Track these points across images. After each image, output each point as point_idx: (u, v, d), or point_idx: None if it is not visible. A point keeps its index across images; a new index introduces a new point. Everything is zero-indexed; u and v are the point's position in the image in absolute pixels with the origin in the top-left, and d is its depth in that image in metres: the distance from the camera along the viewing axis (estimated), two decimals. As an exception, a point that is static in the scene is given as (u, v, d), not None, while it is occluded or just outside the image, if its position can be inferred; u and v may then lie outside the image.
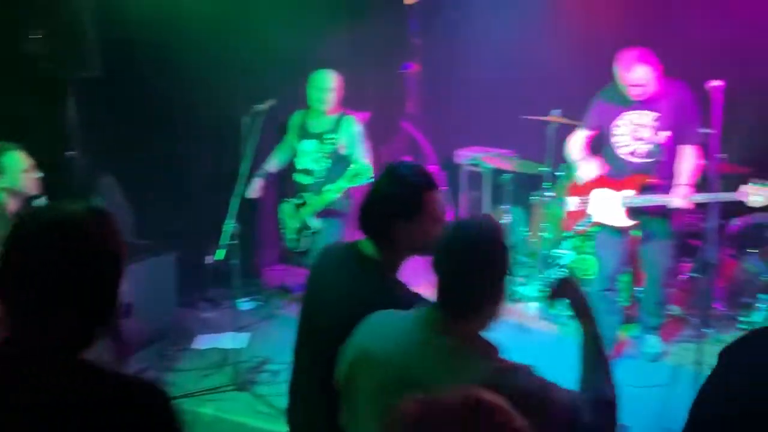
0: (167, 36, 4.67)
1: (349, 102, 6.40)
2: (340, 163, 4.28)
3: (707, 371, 3.44)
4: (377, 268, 1.98)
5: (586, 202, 4.15)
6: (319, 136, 4.34)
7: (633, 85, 3.79)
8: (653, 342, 4.33)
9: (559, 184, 5.29)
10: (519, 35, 6.05)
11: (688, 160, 3.90)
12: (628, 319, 4.71)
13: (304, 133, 4.39)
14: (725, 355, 1.48)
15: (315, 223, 4.31)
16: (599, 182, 4.12)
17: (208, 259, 3.98)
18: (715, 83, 3.38)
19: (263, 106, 4.08)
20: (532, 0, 6.00)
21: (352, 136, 4.35)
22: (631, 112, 3.94)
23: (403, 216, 1.93)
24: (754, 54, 4.91)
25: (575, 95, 5.28)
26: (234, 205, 3.95)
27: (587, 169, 4.12)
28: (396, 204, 1.94)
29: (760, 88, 4.93)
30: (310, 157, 4.36)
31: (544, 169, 5.28)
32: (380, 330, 1.71)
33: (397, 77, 6.86)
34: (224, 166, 4.70)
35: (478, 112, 6.65)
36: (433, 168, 6.49)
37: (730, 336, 4.57)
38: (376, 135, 6.36)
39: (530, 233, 5.81)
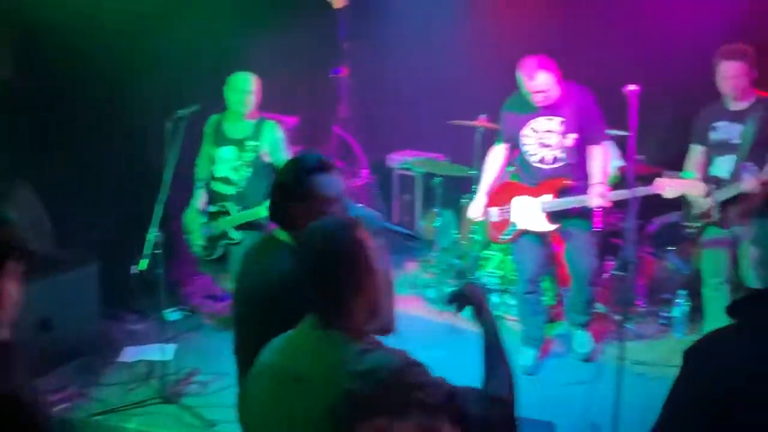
0: (86, 37, 4.50)
1: (279, 106, 6.35)
2: (262, 171, 4.16)
3: (630, 367, 3.56)
4: (290, 251, 2.10)
5: (508, 212, 4.22)
6: (238, 143, 4.17)
7: (536, 92, 3.89)
8: (583, 340, 4.43)
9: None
10: (447, 40, 6.14)
11: (597, 160, 4.03)
12: (554, 318, 4.83)
13: (222, 140, 4.21)
14: (692, 355, 1.50)
15: (236, 234, 4.17)
16: (517, 190, 4.21)
17: (133, 269, 3.85)
18: (631, 87, 3.49)
19: (186, 111, 3.97)
20: (460, 6, 6.09)
21: (275, 142, 4.18)
22: (537, 119, 4.03)
23: (296, 199, 2.11)
24: (667, 58, 5.11)
25: (501, 100, 5.41)
26: (157, 212, 3.83)
27: (474, 209, 4.31)
28: (288, 189, 2.13)
29: (673, 91, 5.14)
30: (228, 165, 4.18)
31: (473, 172, 5.36)
32: (270, 350, 1.75)
33: (327, 81, 6.84)
34: (148, 173, 4.57)
35: (409, 117, 6.71)
36: (364, 172, 6.50)
37: (651, 331, 4.76)
38: (307, 139, 6.34)
39: (460, 236, 5.88)
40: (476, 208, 4.30)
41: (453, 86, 6.11)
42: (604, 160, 4.04)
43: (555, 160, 4.05)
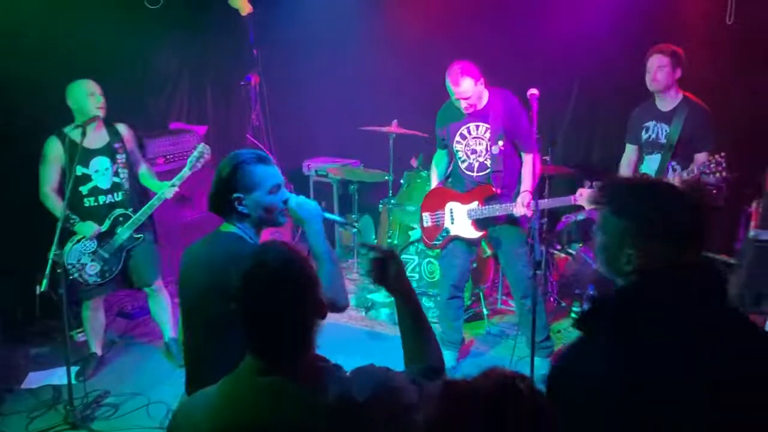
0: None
1: (191, 114, 6.22)
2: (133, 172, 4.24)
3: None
4: (234, 238, 2.23)
5: (441, 217, 4.25)
6: (107, 151, 4.09)
7: (461, 98, 3.92)
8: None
9: (402, 192, 5.43)
10: (358, 46, 6.17)
11: (526, 167, 4.06)
12: (475, 317, 4.92)
13: (86, 153, 3.98)
14: (559, 384, 1.48)
15: (135, 236, 4.14)
16: (449, 196, 4.23)
17: (36, 290, 3.65)
18: (533, 91, 3.59)
19: (86, 124, 3.81)
20: (370, 12, 6.12)
21: (132, 141, 4.28)
22: (466, 125, 4.07)
23: (239, 191, 2.22)
24: (573, 63, 5.30)
25: (412, 105, 5.47)
26: (58, 230, 3.66)
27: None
28: (230, 181, 2.22)
29: (578, 93, 5.34)
30: (107, 174, 4.08)
31: (388, 177, 5.39)
32: (207, 410, 1.57)
33: (238, 89, 6.75)
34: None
35: (323, 123, 6.70)
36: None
37: (564, 325, 4.91)
38: (218, 148, 6.22)
39: (378, 240, 5.90)
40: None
41: (365, 92, 6.15)
42: (530, 168, 4.06)
43: (481, 167, 4.08)
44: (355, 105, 6.19)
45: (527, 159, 4.06)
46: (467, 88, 3.87)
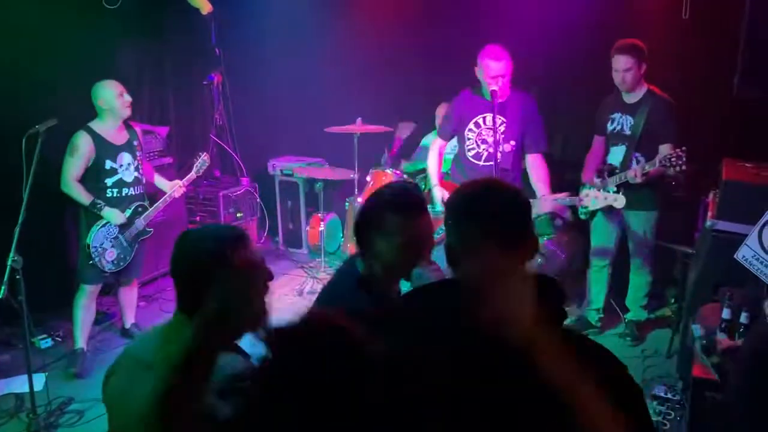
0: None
1: (153, 115, 6.13)
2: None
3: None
4: (357, 281, 2.11)
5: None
6: (129, 147, 4.39)
7: (498, 76, 3.89)
8: None
9: (368, 189, 5.43)
10: (321, 44, 6.15)
11: (542, 170, 4.11)
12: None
13: (110, 149, 4.29)
14: None
15: (147, 229, 4.51)
16: (450, 190, 4.22)
17: (-6, 297, 3.57)
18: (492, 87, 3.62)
19: (43, 126, 3.74)
20: (330, 11, 6.11)
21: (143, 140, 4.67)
22: (482, 114, 4.07)
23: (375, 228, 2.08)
24: (565, 61, 5.34)
25: (376, 102, 5.48)
26: (16, 235, 3.58)
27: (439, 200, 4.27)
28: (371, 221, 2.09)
29: (571, 92, 5.38)
30: (130, 169, 4.39)
31: (353, 175, 5.39)
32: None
33: (201, 89, 6.68)
34: (6, 192, 4.27)
35: (287, 122, 6.67)
36: (244, 180, 6.40)
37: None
38: (181, 149, 6.16)
39: (345, 238, 5.91)
40: (441, 197, 4.25)
41: (329, 90, 6.13)
42: (545, 171, 4.12)
43: (489, 157, 4.07)
44: (319, 103, 6.18)
45: (538, 161, 4.11)
46: (506, 65, 3.89)
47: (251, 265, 1.76)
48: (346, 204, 5.73)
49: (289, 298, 5.42)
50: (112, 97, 4.25)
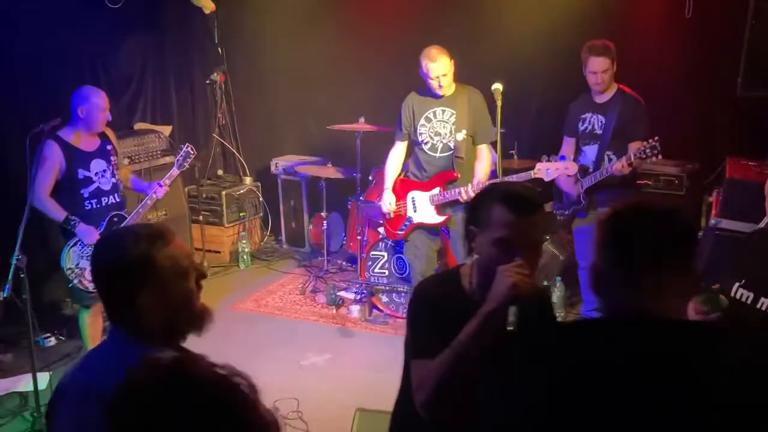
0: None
1: (156, 114, 6.13)
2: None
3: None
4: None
5: (403, 207, 4.37)
6: (101, 153, 4.07)
7: (438, 76, 4.03)
8: None
9: (370, 188, 5.43)
10: (322, 43, 6.15)
11: (481, 160, 4.23)
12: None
13: (81, 157, 3.97)
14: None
15: None
16: (411, 186, 4.36)
17: (-1, 296, 3.58)
18: (496, 86, 3.63)
19: (47, 126, 3.74)
20: (333, 10, 6.11)
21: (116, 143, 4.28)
22: (432, 109, 4.20)
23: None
24: (536, 57, 5.35)
25: (378, 102, 5.48)
26: (20, 234, 3.58)
27: (386, 205, 4.41)
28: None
29: (540, 89, 5.38)
30: (106, 176, 4.07)
31: (356, 174, 5.39)
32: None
33: (204, 88, 6.70)
34: (10, 192, 4.28)
35: (290, 121, 6.67)
36: (247, 179, 6.40)
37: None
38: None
39: (347, 237, 5.91)
40: (388, 204, 4.40)
41: (332, 89, 6.14)
42: (489, 159, 4.22)
43: (445, 148, 4.21)
44: (322, 102, 6.19)
45: (483, 149, 4.23)
46: (444, 64, 4.01)
47: (180, 263, 1.60)
48: (349, 203, 5.73)
49: (292, 297, 5.43)
50: (95, 111, 3.95)
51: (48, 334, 4.58)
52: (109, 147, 4.12)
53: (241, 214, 6.30)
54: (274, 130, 6.78)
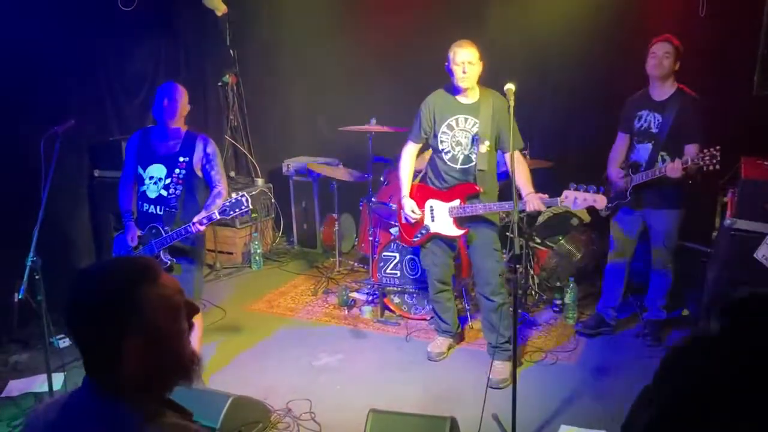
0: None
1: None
2: (193, 189, 3.90)
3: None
4: None
5: (419, 214, 4.20)
6: (169, 161, 3.87)
7: (466, 62, 3.88)
8: (497, 368, 4.13)
9: (382, 189, 5.43)
10: (333, 45, 6.16)
11: (520, 167, 3.93)
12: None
13: (150, 156, 3.89)
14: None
15: (165, 257, 3.81)
16: (430, 194, 4.19)
17: (14, 297, 3.60)
18: (509, 86, 3.61)
19: (61, 128, 3.77)
20: (344, 11, 6.12)
21: (209, 156, 3.91)
22: (454, 116, 4.04)
23: None
24: (548, 57, 5.33)
25: (390, 103, 5.48)
26: (35, 236, 3.61)
27: (410, 211, 4.18)
28: None
29: (554, 90, 5.36)
30: (159, 184, 3.88)
31: (368, 175, 5.39)
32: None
33: (216, 89, 6.72)
34: (25, 193, 4.31)
35: (302, 123, 6.68)
36: (259, 180, 6.42)
37: (544, 318, 4.94)
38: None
39: (359, 238, 5.91)
40: (411, 212, 4.18)
41: (344, 90, 6.14)
42: (526, 168, 4.04)
43: (466, 159, 4.04)
44: (334, 104, 6.19)
45: (516, 158, 3.87)
46: (472, 53, 3.88)
47: (171, 300, 1.43)
48: (360, 204, 5.73)
49: (305, 297, 5.44)
50: (156, 102, 3.85)
51: (62, 335, 4.60)
52: (183, 159, 3.82)
53: (253, 216, 6.32)
54: (286, 132, 6.80)
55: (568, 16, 5.21)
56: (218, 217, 3.73)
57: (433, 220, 4.18)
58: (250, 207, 3.78)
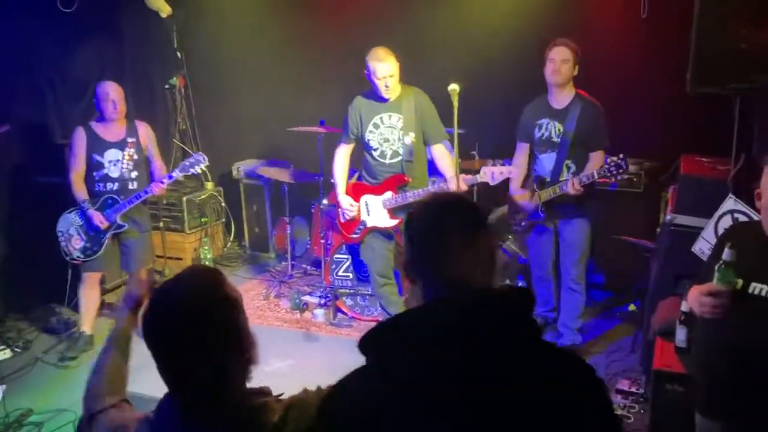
0: None
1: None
2: (140, 164, 4.62)
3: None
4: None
5: (357, 211, 4.36)
6: (120, 144, 4.53)
7: (385, 76, 4.02)
8: None
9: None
10: (281, 46, 6.12)
11: (443, 158, 4.20)
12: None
13: (99, 144, 4.49)
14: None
15: (121, 222, 4.51)
16: (363, 190, 4.37)
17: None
18: (453, 86, 3.62)
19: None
20: (290, 12, 6.08)
21: (149, 136, 4.71)
22: (379, 115, 4.19)
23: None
24: (493, 57, 5.37)
25: (338, 104, 5.45)
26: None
27: (349, 211, 4.41)
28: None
29: (501, 89, 5.40)
30: (118, 165, 4.52)
31: (318, 177, 5.35)
32: None
33: (164, 92, 6.60)
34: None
35: (251, 126, 6.60)
36: (209, 184, 6.32)
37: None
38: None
39: (311, 241, 5.87)
40: (349, 207, 4.38)
41: (292, 92, 6.10)
42: (449, 155, 4.20)
43: (394, 154, 4.20)
44: (283, 106, 6.13)
45: (440, 149, 4.22)
46: (392, 65, 3.99)
47: (239, 303, 1.58)
48: (312, 206, 5.70)
49: (256, 302, 5.37)
50: (100, 101, 4.45)
51: (2, 346, 4.46)
52: (130, 140, 4.55)
53: (203, 220, 6.22)
54: (235, 135, 6.70)
55: (510, 16, 5.30)
56: (178, 174, 4.55)
57: (369, 214, 4.35)
58: (207, 162, 4.61)
